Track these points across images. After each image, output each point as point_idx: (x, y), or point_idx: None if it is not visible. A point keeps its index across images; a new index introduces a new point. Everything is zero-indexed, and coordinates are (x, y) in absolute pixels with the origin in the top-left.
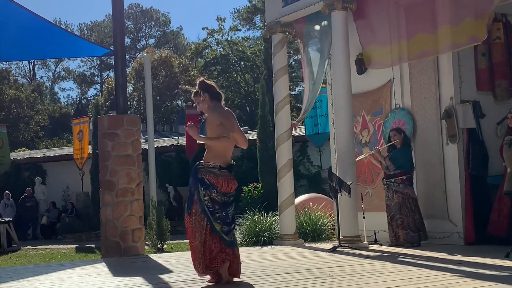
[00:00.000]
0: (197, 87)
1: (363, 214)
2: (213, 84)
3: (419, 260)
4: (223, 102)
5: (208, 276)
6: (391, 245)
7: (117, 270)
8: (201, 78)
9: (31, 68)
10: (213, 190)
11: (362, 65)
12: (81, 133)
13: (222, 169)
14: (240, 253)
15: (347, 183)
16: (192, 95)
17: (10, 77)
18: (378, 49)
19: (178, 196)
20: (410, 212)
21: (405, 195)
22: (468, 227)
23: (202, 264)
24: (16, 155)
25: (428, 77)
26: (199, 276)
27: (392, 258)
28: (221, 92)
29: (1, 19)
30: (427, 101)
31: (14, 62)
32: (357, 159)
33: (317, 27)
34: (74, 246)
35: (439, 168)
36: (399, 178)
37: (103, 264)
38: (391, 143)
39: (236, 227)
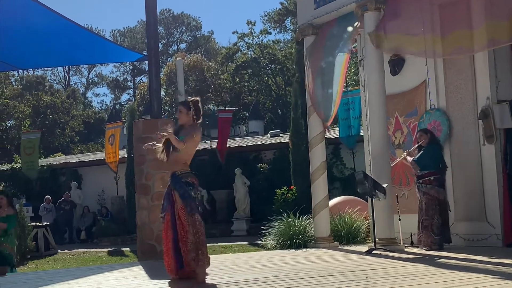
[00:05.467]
0: (191, 102)
1: (399, 216)
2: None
3: (457, 262)
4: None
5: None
6: (417, 247)
7: (154, 273)
8: (199, 98)
9: (66, 74)
10: (197, 189)
11: (395, 66)
12: (113, 137)
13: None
14: (274, 255)
15: (383, 185)
16: (182, 104)
17: (45, 83)
18: (409, 37)
19: (211, 200)
20: (435, 214)
21: (431, 196)
22: (506, 229)
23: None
24: (52, 160)
25: (464, 77)
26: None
27: (429, 260)
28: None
29: (33, 25)
30: (463, 101)
31: (49, 68)
32: (392, 164)
33: (349, 28)
34: (110, 249)
35: (476, 169)
36: (426, 178)
37: (140, 267)
38: (418, 144)
39: (268, 230)
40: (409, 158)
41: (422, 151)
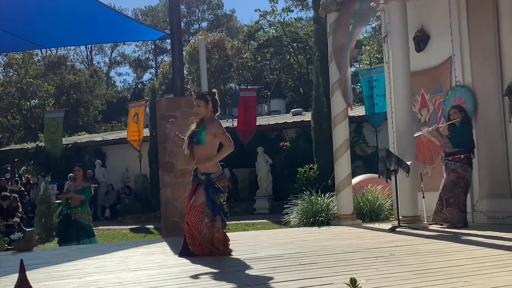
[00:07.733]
0: (208, 95)
1: (423, 194)
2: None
3: (482, 239)
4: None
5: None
6: (435, 223)
7: (178, 249)
8: (215, 90)
9: (88, 54)
10: (225, 194)
11: (420, 43)
12: (136, 115)
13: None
14: (298, 233)
15: (407, 162)
16: (199, 97)
17: (68, 63)
18: None
19: (233, 178)
20: (462, 192)
21: (459, 175)
22: None
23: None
24: (76, 138)
25: (489, 53)
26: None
27: (454, 238)
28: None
29: (57, 3)
30: (489, 78)
31: (72, 48)
32: (415, 135)
33: (372, 4)
34: (134, 226)
35: (501, 146)
36: (457, 156)
37: (164, 243)
38: (450, 121)
39: (291, 208)
40: (439, 136)
41: (455, 129)
